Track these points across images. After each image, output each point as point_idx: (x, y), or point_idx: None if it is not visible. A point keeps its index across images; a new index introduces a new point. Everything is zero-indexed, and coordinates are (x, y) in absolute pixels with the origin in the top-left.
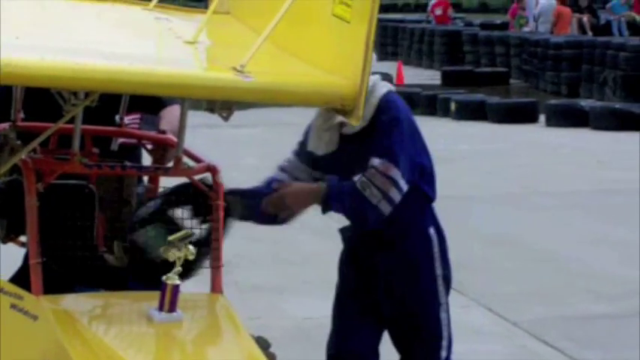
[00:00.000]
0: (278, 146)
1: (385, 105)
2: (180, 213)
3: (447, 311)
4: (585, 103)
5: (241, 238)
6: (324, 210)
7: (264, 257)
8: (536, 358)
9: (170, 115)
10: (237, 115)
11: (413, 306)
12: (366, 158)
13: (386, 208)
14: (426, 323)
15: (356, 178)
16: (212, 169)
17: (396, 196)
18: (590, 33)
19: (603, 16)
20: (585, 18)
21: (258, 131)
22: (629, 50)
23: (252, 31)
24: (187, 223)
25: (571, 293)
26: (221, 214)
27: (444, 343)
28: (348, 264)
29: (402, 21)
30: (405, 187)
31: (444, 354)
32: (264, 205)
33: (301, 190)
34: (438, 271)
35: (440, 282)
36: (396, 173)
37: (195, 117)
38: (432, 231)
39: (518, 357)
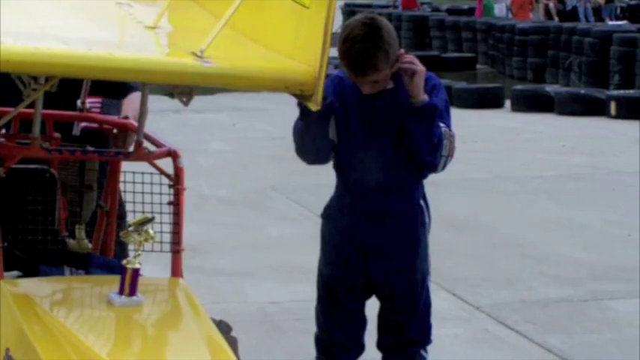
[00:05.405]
0: (243, 131)
1: None
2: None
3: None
4: (551, 88)
5: (206, 224)
6: (420, 110)
7: (228, 242)
8: (498, 342)
9: (133, 103)
10: (203, 100)
11: (412, 275)
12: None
13: (439, 164)
14: (421, 293)
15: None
16: (173, 154)
17: (442, 166)
18: (556, 18)
19: (569, 2)
20: (552, 3)
21: (224, 116)
22: (594, 36)
23: (213, 16)
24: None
25: (533, 277)
26: (182, 198)
27: (431, 311)
28: (339, 244)
29: (369, 6)
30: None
31: (432, 324)
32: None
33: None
34: (427, 239)
35: (429, 250)
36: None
37: (161, 102)
38: (422, 202)
39: (480, 341)
